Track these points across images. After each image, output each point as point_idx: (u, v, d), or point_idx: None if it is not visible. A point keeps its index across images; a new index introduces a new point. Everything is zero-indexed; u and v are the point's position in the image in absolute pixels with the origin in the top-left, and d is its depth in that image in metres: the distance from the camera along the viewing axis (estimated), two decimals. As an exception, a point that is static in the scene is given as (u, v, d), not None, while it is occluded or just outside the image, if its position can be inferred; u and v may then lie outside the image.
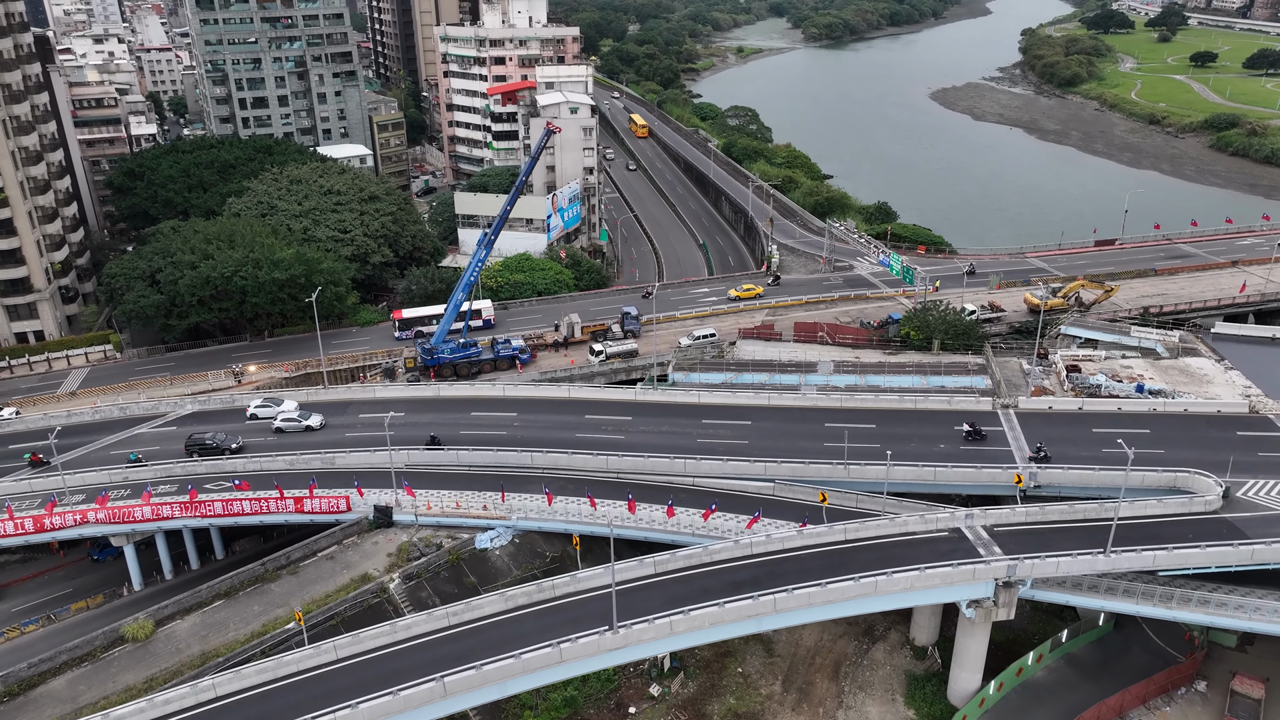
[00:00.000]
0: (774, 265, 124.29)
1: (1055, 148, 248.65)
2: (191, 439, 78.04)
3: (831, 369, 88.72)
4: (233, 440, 78.10)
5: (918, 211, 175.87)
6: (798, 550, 59.10)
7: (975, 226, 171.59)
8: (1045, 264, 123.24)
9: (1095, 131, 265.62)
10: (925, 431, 75.49)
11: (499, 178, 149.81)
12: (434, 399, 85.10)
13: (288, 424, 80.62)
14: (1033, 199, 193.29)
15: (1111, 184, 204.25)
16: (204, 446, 77.54)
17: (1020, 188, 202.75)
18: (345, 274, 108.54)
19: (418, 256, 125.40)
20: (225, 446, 77.42)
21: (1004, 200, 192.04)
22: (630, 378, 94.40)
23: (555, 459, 73.24)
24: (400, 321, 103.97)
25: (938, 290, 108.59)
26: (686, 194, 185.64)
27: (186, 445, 77.92)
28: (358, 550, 67.83)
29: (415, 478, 72.95)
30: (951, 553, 58.48)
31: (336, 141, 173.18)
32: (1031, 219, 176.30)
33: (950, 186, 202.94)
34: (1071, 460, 69.35)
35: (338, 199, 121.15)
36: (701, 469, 71.01)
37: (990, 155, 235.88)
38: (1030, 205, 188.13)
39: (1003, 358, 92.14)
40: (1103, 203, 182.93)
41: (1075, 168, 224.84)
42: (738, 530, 64.57)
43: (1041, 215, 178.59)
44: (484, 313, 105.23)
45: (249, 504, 70.26)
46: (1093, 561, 57.53)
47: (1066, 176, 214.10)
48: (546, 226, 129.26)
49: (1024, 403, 78.40)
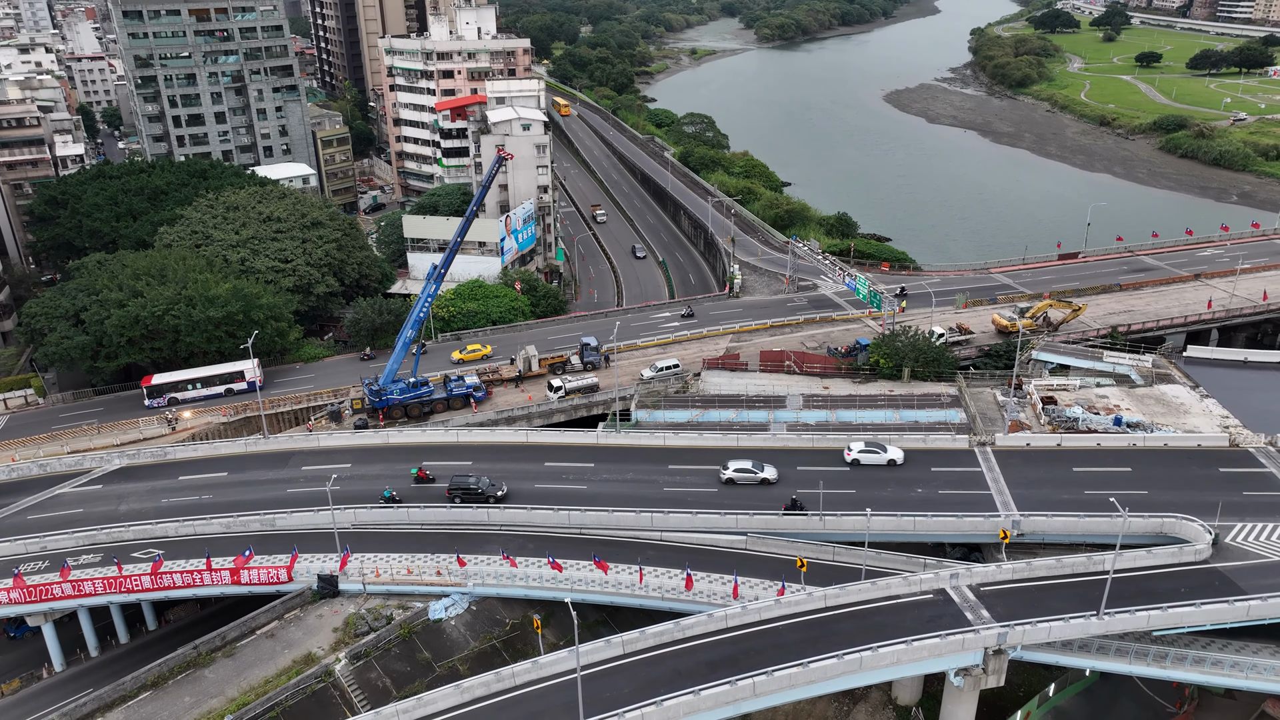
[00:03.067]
0: (736, 286, 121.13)
1: (1010, 150, 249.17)
2: (454, 483, 72.14)
3: (801, 403, 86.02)
4: (498, 486, 72.37)
5: (879, 221, 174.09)
6: (776, 622, 55.57)
7: (937, 236, 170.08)
8: (1010, 279, 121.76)
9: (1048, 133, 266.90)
10: (901, 474, 73.28)
11: (450, 197, 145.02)
12: (383, 447, 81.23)
13: None
14: (993, 207, 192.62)
15: (1068, 189, 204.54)
16: (468, 491, 71.68)
17: (980, 195, 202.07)
18: (287, 308, 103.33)
19: (365, 284, 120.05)
20: (491, 493, 71.36)
21: (965, 209, 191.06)
22: (591, 414, 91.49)
23: (513, 515, 69.70)
24: (149, 388, 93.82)
25: (904, 310, 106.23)
26: (644, 207, 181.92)
27: (449, 490, 71.89)
28: (300, 626, 62.88)
29: (363, 539, 68.96)
30: (938, 619, 55.60)
31: (278, 159, 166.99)
32: (994, 229, 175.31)
33: (909, 194, 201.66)
34: (1055, 505, 66.93)
35: (278, 226, 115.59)
36: (670, 523, 67.83)
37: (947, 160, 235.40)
38: (991, 213, 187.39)
39: (976, 387, 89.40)
40: (1062, 210, 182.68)
41: (1031, 172, 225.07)
42: (712, 593, 61.32)
43: (1003, 225, 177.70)
44: (246, 374, 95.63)
45: (180, 576, 65.31)
46: (1085, 625, 54.78)
47: (1024, 182, 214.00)
48: (500, 250, 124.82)
49: (1001, 439, 76.24)
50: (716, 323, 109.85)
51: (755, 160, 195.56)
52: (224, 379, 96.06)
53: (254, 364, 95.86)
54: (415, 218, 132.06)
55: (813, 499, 68.21)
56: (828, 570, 63.29)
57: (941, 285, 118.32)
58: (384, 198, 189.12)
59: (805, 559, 62.05)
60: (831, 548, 65.34)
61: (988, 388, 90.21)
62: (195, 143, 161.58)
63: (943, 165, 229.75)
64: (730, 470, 72.92)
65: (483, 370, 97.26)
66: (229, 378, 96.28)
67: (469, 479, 72.80)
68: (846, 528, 66.11)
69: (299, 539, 68.41)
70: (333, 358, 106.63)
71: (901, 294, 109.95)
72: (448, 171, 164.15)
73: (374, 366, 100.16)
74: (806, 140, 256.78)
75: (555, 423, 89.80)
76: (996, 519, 65.81)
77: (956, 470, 73.23)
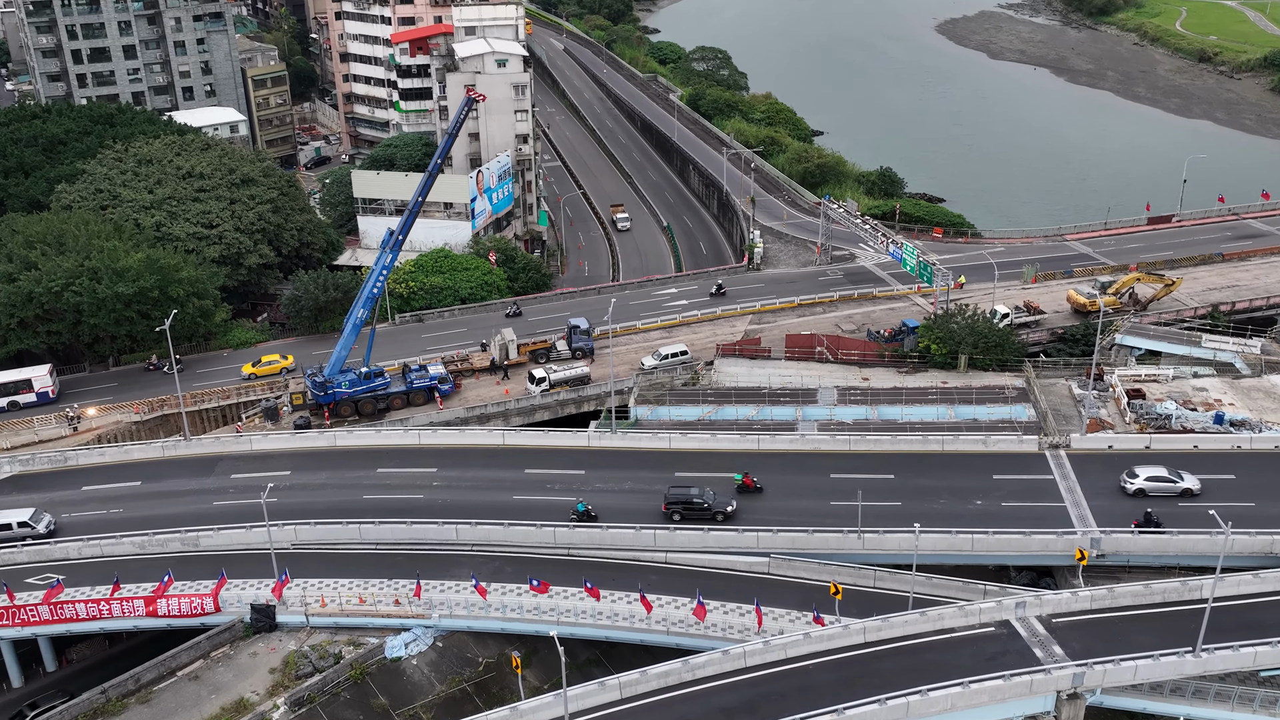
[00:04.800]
0: (757, 256, 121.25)
1: (1089, 92, 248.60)
2: (672, 495, 71.54)
3: (835, 398, 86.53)
4: (727, 501, 71.82)
5: (930, 178, 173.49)
6: (804, 660, 55.96)
7: (1001, 197, 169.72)
8: (1089, 248, 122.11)
9: (1135, 71, 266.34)
10: (957, 482, 73.93)
11: (408, 149, 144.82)
12: (329, 451, 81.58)
13: None
14: (1069, 161, 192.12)
15: (1160, 138, 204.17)
16: (689, 506, 71.02)
17: (1053, 146, 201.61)
18: (212, 283, 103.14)
19: (307, 255, 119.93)
20: (719, 508, 71.30)
21: (1034, 163, 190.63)
22: (581, 411, 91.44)
23: (488, 532, 70.28)
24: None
25: (961, 287, 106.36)
26: (645, 161, 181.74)
27: (666, 504, 71.41)
28: (230, 666, 63.40)
29: (306, 561, 69.18)
30: (1001, 656, 55.97)
31: (201, 102, 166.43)
32: (1069, 187, 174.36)
33: (967, 146, 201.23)
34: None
35: (201, 184, 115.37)
36: (677, 541, 68.65)
37: (1013, 104, 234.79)
38: (1066, 169, 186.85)
39: (1048, 378, 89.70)
40: (1153, 165, 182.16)
41: (1115, 118, 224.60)
42: (728, 626, 61.81)
43: (1080, 183, 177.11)
44: (35, 384, 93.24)
45: (84, 607, 66.16)
46: (1179, 664, 55.42)
47: (1106, 130, 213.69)
48: (470, 212, 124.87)
49: (1078, 441, 76.84)
50: (733, 301, 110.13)
51: (780, 104, 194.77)
52: (3, 390, 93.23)
53: (46, 370, 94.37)
54: (367, 174, 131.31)
55: (848, 512, 68.56)
56: (867, 598, 63.56)
57: (1006, 255, 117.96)
58: (329, 150, 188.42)
59: (840, 585, 62.12)
60: (872, 571, 65.51)
61: (1061, 379, 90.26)
62: (100, 83, 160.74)
63: (1007, 110, 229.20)
64: (1140, 480, 71.11)
65: (450, 358, 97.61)
66: (11, 388, 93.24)
67: (690, 490, 71.86)
68: (890, 547, 66.44)
69: (228, 561, 68.46)
70: (268, 343, 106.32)
71: (719, 290, 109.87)
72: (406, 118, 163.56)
73: (161, 376, 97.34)
74: (842, 80, 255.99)
75: (538, 421, 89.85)
76: (1072, 537, 66.07)
77: (1024, 478, 73.50)
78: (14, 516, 73.96)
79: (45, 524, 74.22)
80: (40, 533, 73.58)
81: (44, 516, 74.78)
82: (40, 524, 73.96)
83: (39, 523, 74.04)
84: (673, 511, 71.29)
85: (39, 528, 73.76)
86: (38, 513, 74.81)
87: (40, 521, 74.15)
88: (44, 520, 74.42)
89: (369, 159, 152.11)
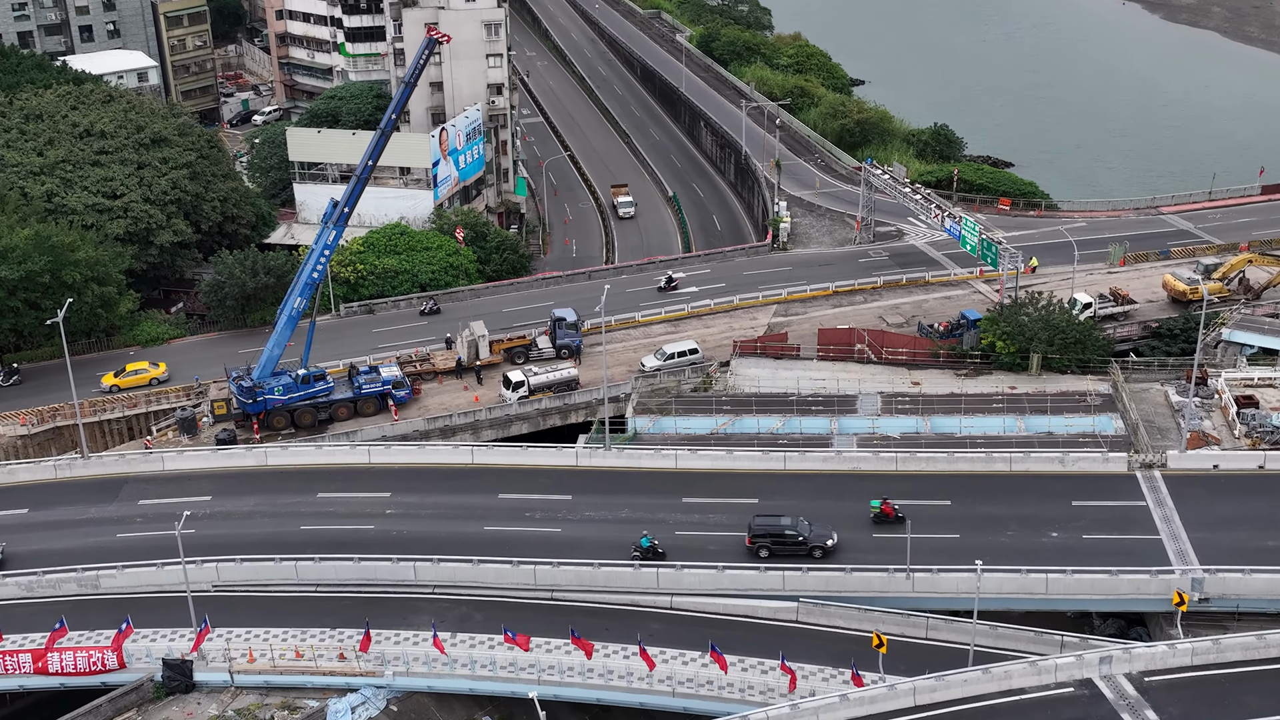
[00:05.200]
0: (784, 233, 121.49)
1: (1191, 33, 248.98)
2: (757, 525, 70.87)
3: (879, 407, 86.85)
4: (827, 534, 71.09)
5: (995, 138, 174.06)
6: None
7: (1082, 160, 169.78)
8: (1190, 223, 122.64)
9: (1247, 7, 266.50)
10: (1028, 510, 73.92)
11: (356, 101, 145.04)
12: (259, 471, 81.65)
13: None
14: (1165, 117, 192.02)
15: (1277, 90, 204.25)
16: (779, 539, 70.26)
17: (1146, 99, 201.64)
18: (116, 265, 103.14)
19: (231, 231, 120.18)
20: (818, 542, 70.42)
21: (1123, 120, 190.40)
22: (568, 423, 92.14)
23: (454, 570, 70.05)
24: None
25: (1033, 271, 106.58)
26: (646, 117, 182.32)
27: (751, 536, 70.67)
28: (138, 735, 63.55)
29: (231, 606, 68.83)
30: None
31: (102, 45, 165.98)
32: (1166, 149, 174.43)
33: (1041, 99, 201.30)
34: (1254, 557, 67.16)
35: (102, 145, 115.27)
36: (685, 583, 68.36)
37: (1097, 47, 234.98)
38: (1162, 127, 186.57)
39: (1139, 382, 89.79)
40: (1269, 121, 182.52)
41: (1223, 65, 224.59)
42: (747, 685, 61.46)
43: (1180, 144, 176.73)
44: None
45: (-43, 664, 65.74)
46: (1302, 733, 55.32)
47: (1211, 80, 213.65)
48: (432, 179, 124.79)
49: (1176, 460, 76.80)
50: (754, 287, 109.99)
51: (811, 47, 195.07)
52: None
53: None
54: (306, 132, 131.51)
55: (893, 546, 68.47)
56: (919, 652, 63.45)
57: (1089, 232, 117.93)
58: (259, 103, 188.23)
59: (884, 635, 61.92)
60: (924, 619, 65.44)
61: (1156, 383, 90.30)
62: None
63: (1091, 55, 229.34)
64: None
65: (407, 358, 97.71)
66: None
67: (780, 520, 71.19)
68: (946, 589, 66.50)
69: (134, 606, 67.86)
70: (184, 339, 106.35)
71: (669, 283, 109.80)
72: (353, 64, 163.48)
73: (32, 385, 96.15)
74: (886, 18, 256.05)
75: (514, 436, 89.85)
76: (1169, 577, 65.92)
77: (1110, 504, 73.52)
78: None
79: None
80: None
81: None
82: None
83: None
84: (759, 546, 70.45)
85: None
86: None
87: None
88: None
89: (308, 114, 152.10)
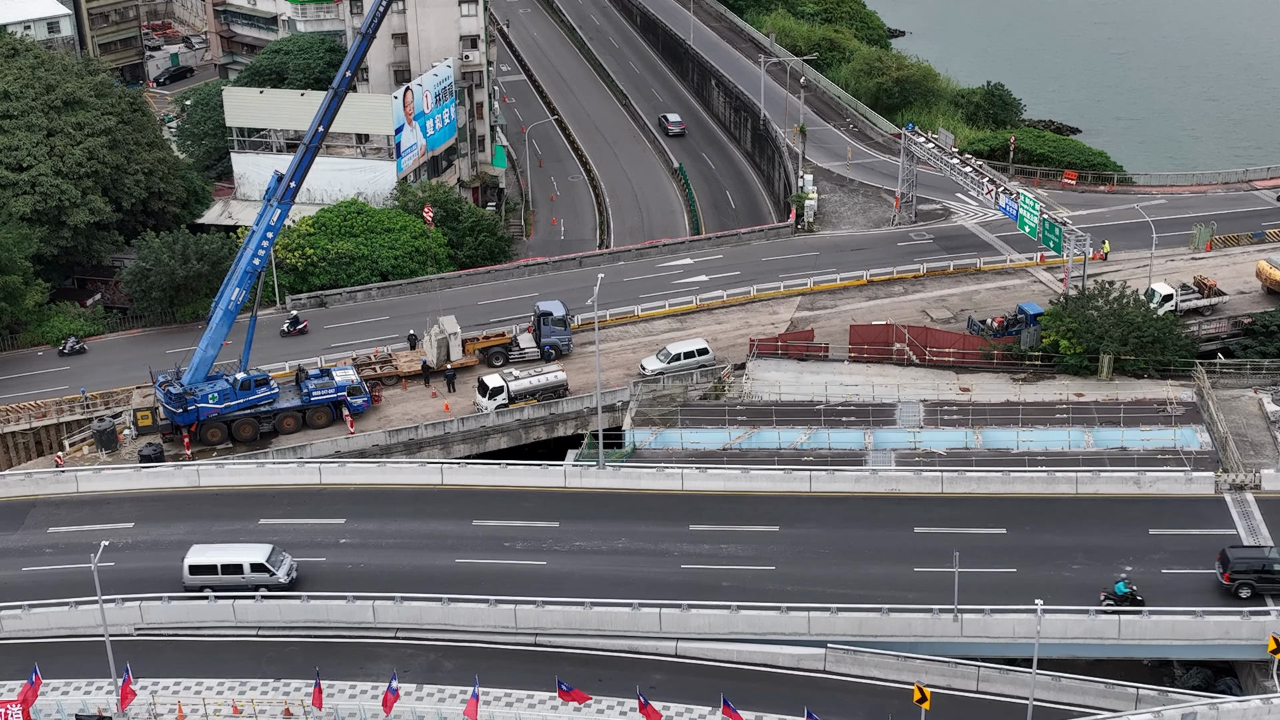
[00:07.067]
0: (809, 212, 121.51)
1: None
2: (1238, 559, 69.43)
3: (921, 417, 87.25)
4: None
5: (1059, 100, 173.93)
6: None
7: (1162, 127, 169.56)
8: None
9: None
10: (1097, 540, 74.01)
11: (305, 56, 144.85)
12: (190, 494, 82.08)
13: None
14: (1261, 76, 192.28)
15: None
16: (1270, 576, 68.72)
17: (1237, 56, 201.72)
18: (22, 250, 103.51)
19: (158, 210, 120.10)
20: None
21: (1211, 80, 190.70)
22: (554, 436, 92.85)
23: (420, 610, 70.34)
24: None
25: (1105, 257, 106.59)
26: (648, 74, 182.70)
27: (1228, 573, 68.87)
28: (45, 808, 62.88)
29: (157, 654, 69.22)
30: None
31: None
32: (1261, 115, 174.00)
33: (1113, 56, 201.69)
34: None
35: (6, 107, 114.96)
36: (693, 626, 68.32)
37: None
38: (1258, 88, 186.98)
39: (1228, 388, 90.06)
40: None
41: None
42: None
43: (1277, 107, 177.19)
44: None
45: None
46: None
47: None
48: (395, 148, 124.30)
49: (1272, 480, 76.90)
50: (774, 276, 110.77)
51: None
52: None
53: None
54: (246, 92, 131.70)
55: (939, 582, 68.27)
56: (968, 707, 64.33)
57: (1169, 211, 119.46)
58: (191, 57, 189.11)
59: (928, 688, 61.17)
60: (974, 669, 65.58)
61: (1249, 389, 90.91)
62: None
63: (1173, 3, 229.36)
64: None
65: (365, 360, 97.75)
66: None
67: (1268, 553, 69.52)
68: (1000, 632, 66.91)
69: (43, 653, 67.93)
70: (103, 336, 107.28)
71: (295, 325, 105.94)
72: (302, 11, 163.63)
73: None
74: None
75: (492, 451, 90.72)
76: (1263, 619, 66.23)
77: (1194, 533, 73.94)
78: None
79: None
80: None
81: None
82: None
83: None
84: (1239, 584, 68.79)
85: None
86: None
87: None
88: None
89: (248, 70, 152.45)
